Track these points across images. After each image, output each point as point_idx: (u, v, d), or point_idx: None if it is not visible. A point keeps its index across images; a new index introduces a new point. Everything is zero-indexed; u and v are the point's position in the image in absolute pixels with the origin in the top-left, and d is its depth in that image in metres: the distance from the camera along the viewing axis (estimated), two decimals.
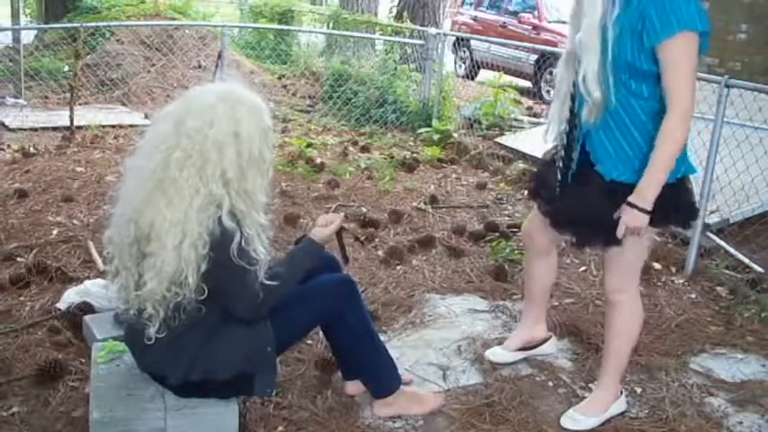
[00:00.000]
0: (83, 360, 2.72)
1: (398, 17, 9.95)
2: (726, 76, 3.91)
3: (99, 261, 3.48)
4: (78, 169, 5.15)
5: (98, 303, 2.99)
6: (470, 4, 12.82)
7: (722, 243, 4.12)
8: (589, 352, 3.06)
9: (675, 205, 2.28)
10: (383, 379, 2.50)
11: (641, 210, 2.19)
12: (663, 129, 2.14)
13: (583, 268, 3.98)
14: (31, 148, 5.55)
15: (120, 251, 2.10)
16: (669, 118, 2.13)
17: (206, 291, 2.02)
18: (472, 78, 9.49)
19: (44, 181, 4.82)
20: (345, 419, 2.49)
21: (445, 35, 7.50)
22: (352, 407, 2.57)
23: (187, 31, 8.65)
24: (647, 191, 2.18)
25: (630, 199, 2.20)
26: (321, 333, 2.61)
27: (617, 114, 2.23)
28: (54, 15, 9.98)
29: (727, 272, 3.92)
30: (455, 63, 11.61)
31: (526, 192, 3.64)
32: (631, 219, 2.20)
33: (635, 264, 2.46)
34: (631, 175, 2.24)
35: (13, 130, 6.19)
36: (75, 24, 7.79)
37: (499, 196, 5.29)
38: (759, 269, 3.85)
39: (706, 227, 4.05)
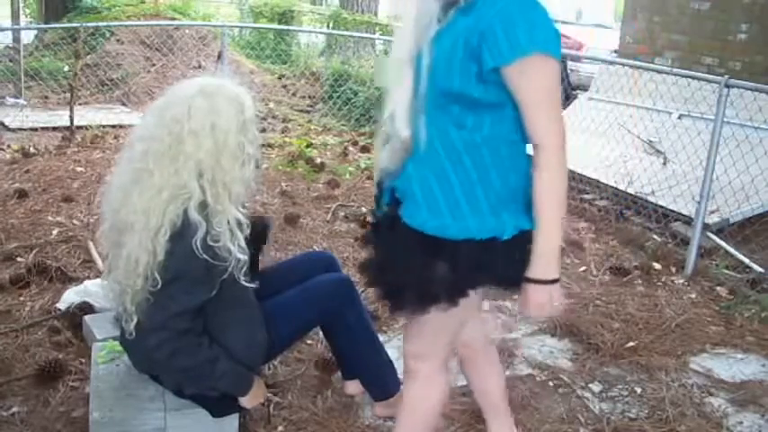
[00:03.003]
0: (83, 360, 2.71)
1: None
2: (726, 76, 3.90)
3: (99, 261, 3.48)
4: (78, 169, 5.15)
5: (98, 303, 2.98)
6: None
7: (722, 243, 4.12)
8: (589, 352, 3.06)
9: (486, 265, 1.75)
10: (382, 382, 2.50)
11: (550, 283, 1.72)
12: (538, 173, 1.68)
13: (583, 268, 3.98)
14: (31, 148, 5.55)
15: (109, 246, 2.11)
16: (540, 157, 1.68)
17: (159, 282, 1.97)
18: None
19: (44, 181, 4.82)
20: (345, 419, 2.49)
21: None
22: (352, 407, 2.57)
23: (187, 31, 8.65)
24: (546, 256, 1.71)
25: (535, 274, 1.72)
26: (321, 333, 2.61)
27: (431, 145, 1.72)
28: (54, 15, 9.99)
29: (727, 272, 3.92)
30: None
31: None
32: (545, 299, 1.74)
33: (446, 328, 1.90)
34: (435, 223, 1.71)
35: (13, 130, 6.20)
36: (75, 24, 7.79)
37: None
38: (759, 269, 3.85)
39: (706, 227, 4.05)
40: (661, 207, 4.59)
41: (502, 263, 1.74)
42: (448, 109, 1.68)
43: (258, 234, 2.18)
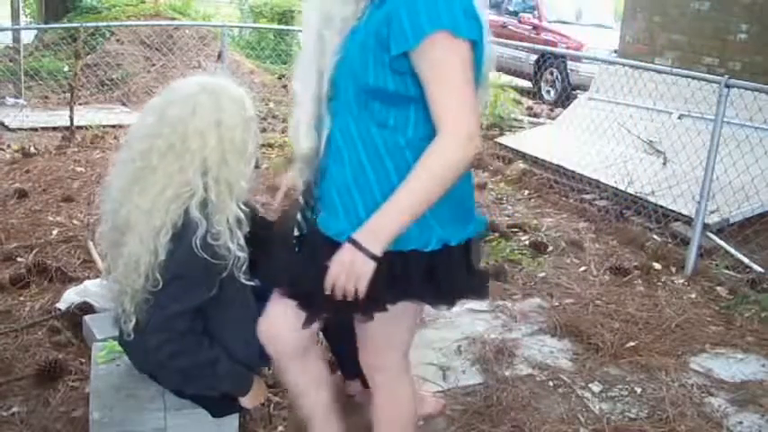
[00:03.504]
0: (83, 360, 2.71)
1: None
2: (726, 76, 3.91)
3: (99, 261, 3.47)
4: (78, 169, 5.15)
5: (98, 303, 2.98)
6: None
7: (722, 243, 4.12)
8: (589, 352, 3.06)
9: (404, 278, 1.61)
10: None
11: (364, 251, 1.52)
12: (428, 151, 1.51)
13: (583, 268, 3.98)
14: (31, 148, 5.56)
15: (108, 246, 2.11)
16: (437, 141, 1.51)
17: (160, 282, 1.97)
18: None
19: (44, 181, 4.82)
20: (345, 419, 2.48)
21: None
22: (352, 407, 2.56)
23: (187, 31, 8.65)
24: (378, 225, 1.52)
25: (355, 235, 1.54)
26: (321, 333, 2.61)
27: (352, 147, 1.61)
28: (54, 15, 9.99)
29: (727, 272, 3.92)
30: None
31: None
32: (347, 260, 1.53)
33: (396, 338, 1.83)
34: (353, 232, 1.55)
35: (13, 130, 6.20)
36: (75, 24, 7.79)
37: (499, 196, 5.29)
38: (759, 269, 3.85)
39: (706, 227, 4.05)
40: (661, 207, 4.60)
41: (423, 276, 1.62)
42: (368, 106, 1.59)
43: (259, 233, 2.17)
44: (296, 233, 1.78)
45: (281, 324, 1.89)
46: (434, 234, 1.61)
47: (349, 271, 1.53)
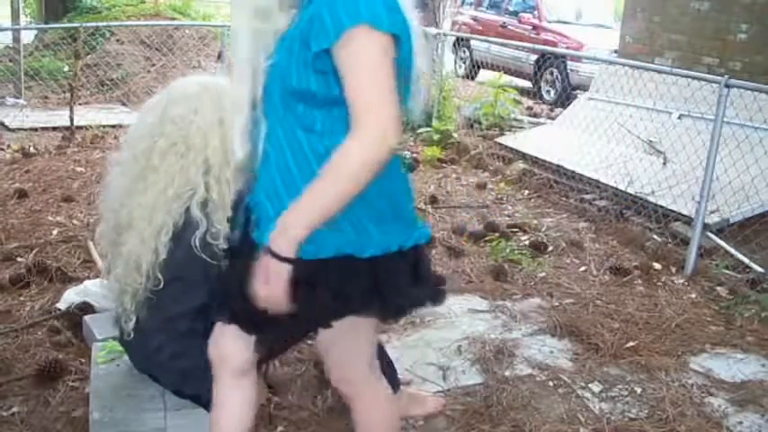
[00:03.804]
0: (83, 360, 2.71)
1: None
2: (726, 76, 3.91)
3: (99, 261, 3.47)
4: (78, 169, 5.15)
5: (98, 303, 2.98)
6: (470, 4, 12.83)
7: (722, 243, 4.12)
8: (589, 352, 3.06)
9: (340, 289, 1.53)
10: None
11: (275, 255, 1.46)
12: (339, 147, 1.44)
13: (583, 268, 3.98)
14: (31, 148, 5.56)
15: (108, 245, 2.11)
16: (348, 136, 1.43)
17: (161, 282, 1.97)
18: (472, 78, 9.49)
19: (44, 181, 4.82)
20: (345, 419, 2.48)
21: (445, 35, 7.50)
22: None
23: (187, 32, 8.65)
24: (284, 227, 1.46)
25: (269, 240, 1.48)
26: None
27: (281, 152, 1.55)
28: (54, 15, 9.99)
29: (727, 272, 3.92)
30: (455, 63, 11.61)
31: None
32: (263, 266, 1.48)
33: (357, 350, 1.80)
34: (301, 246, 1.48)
35: (13, 130, 6.20)
36: (75, 24, 7.80)
37: (499, 196, 5.29)
38: (759, 269, 3.85)
39: (706, 227, 4.05)
40: (661, 207, 4.59)
41: (365, 286, 1.54)
42: (293, 109, 1.53)
43: None
44: (224, 246, 1.72)
45: (229, 343, 1.77)
46: (372, 239, 1.54)
47: (265, 277, 1.48)
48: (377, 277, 1.55)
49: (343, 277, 1.53)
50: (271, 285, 1.47)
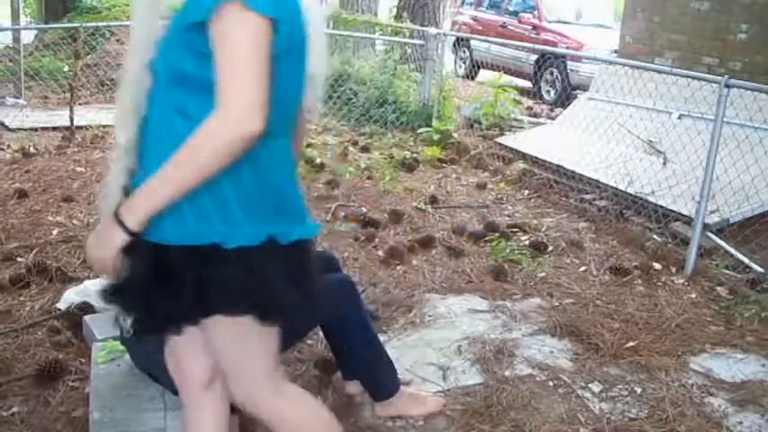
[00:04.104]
0: (83, 360, 2.71)
1: (398, 17, 9.95)
2: (726, 76, 3.91)
3: None
4: (78, 169, 5.15)
5: (98, 303, 2.98)
6: (470, 4, 12.84)
7: (722, 243, 4.12)
8: (589, 352, 3.06)
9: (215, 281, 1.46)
10: (382, 382, 2.50)
11: (120, 224, 1.43)
12: (200, 126, 1.39)
13: (583, 268, 3.98)
14: (31, 148, 5.56)
15: None
16: (210, 115, 1.38)
17: None
18: (472, 78, 9.51)
19: (44, 181, 4.82)
20: (345, 419, 2.48)
21: (445, 35, 7.50)
22: (352, 407, 2.57)
23: None
24: (137, 199, 1.44)
25: (120, 208, 1.46)
26: (321, 333, 2.61)
27: (159, 139, 1.49)
28: (54, 15, 9.99)
29: (727, 272, 3.92)
30: (455, 63, 11.62)
31: None
32: (103, 229, 1.47)
33: (239, 357, 1.65)
34: (157, 231, 1.45)
35: (13, 130, 6.20)
36: (75, 24, 7.79)
37: (499, 196, 5.29)
38: (759, 269, 3.85)
39: (706, 227, 4.05)
40: (661, 207, 4.60)
41: (230, 278, 1.47)
42: (172, 93, 1.47)
43: None
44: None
45: (186, 352, 1.74)
46: (242, 230, 1.46)
47: (101, 240, 1.47)
48: (250, 271, 1.48)
49: (208, 268, 1.46)
50: (105, 249, 1.46)
